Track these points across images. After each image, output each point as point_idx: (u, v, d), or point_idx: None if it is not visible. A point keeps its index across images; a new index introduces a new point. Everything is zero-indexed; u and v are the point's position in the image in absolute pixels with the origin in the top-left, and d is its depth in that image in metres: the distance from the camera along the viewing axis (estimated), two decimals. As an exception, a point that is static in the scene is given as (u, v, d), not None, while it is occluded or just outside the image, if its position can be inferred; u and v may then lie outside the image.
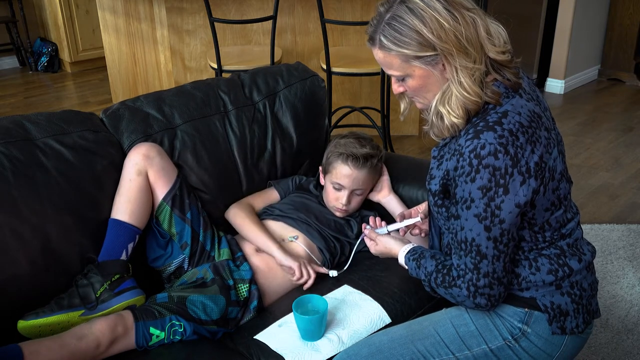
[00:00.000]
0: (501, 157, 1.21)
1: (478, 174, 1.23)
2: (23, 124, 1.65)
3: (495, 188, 1.23)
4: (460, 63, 1.24)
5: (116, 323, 1.48)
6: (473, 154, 1.23)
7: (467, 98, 1.25)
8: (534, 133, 1.26)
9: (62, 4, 5.27)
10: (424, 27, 1.22)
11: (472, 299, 1.32)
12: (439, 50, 1.24)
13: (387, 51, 1.28)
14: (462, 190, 1.27)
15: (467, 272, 1.30)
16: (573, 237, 1.39)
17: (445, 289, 1.36)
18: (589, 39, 5.09)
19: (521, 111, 1.27)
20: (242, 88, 2.06)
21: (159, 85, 3.97)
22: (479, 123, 1.26)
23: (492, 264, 1.28)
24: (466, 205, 1.27)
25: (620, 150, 3.96)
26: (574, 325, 1.37)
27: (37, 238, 1.55)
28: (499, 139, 1.22)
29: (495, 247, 1.27)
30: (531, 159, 1.25)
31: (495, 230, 1.25)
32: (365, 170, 1.87)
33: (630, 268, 2.68)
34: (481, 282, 1.30)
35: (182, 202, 1.75)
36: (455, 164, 1.28)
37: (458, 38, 1.23)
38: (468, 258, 1.29)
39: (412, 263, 1.48)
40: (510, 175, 1.22)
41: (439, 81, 1.29)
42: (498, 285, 1.30)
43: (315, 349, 1.53)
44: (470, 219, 1.27)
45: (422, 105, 1.37)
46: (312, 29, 3.82)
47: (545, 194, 1.29)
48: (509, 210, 1.24)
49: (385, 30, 1.26)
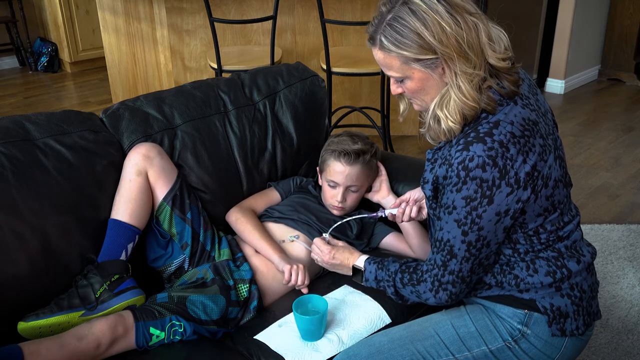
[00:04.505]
0: (489, 169, 1.22)
1: (465, 185, 1.24)
2: (23, 124, 1.65)
3: (481, 199, 1.24)
4: (460, 68, 1.23)
5: (116, 323, 1.48)
6: (461, 166, 1.23)
7: (465, 103, 1.25)
8: (527, 142, 1.25)
9: (62, 4, 5.27)
10: (425, 30, 1.21)
11: (434, 293, 1.37)
12: (440, 54, 1.22)
13: (387, 52, 1.27)
14: (446, 198, 1.29)
15: (434, 268, 1.35)
16: (571, 239, 1.39)
17: (413, 286, 1.41)
18: (589, 39, 5.09)
19: (514, 120, 1.26)
20: (242, 88, 2.06)
21: (159, 85, 3.97)
22: (470, 133, 1.26)
23: (460, 264, 1.31)
24: (448, 211, 1.29)
25: (620, 150, 3.96)
26: (574, 327, 1.36)
27: (37, 238, 1.55)
28: (488, 151, 1.22)
29: (467, 249, 1.29)
30: (522, 169, 1.24)
31: (471, 235, 1.28)
32: (358, 166, 1.87)
33: (630, 268, 2.68)
34: (445, 278, 1.34)
35: (183, 202, 1.75)
36: (444, 172, 1.30)
37: (459, 42, 1.22)
38: (439, 255, 1.34)
39: (372, 266, 1.52)
40: (497, 187, 1.23)
41: (437, 85, 1.28)
42: (461, 283, 1.34)
43: (315, 349, 1.53)
44: (450, 222, 1.29)
45: (420, 107, 1.37)
46: (312, 29, 3.82)
47: (536, 201, 1.29)
48: (488, 218, 1.26)
49: (386, 31, 1.25)
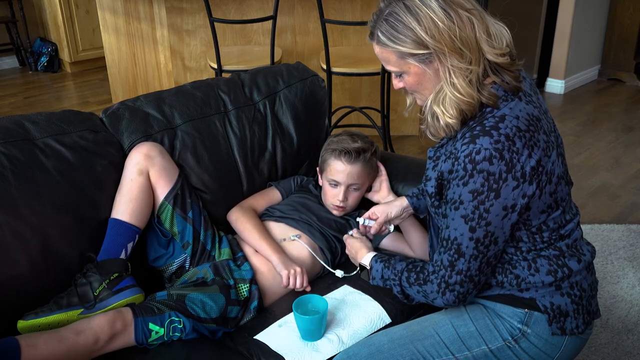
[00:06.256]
0: (496, 162, 1.22)
1: (472, 178, 1.23)
2: (23, 124, 1.65)
3: (487, 192, 1.23)
4: (453, 63, 1.25)
5: (115, 319, 1.48)
6: (468, 159, 1.23)
7: (460, 99, 1.26)
8: (532, 137, 1.26)
9: (62, 4, 5.27)
10: (417, 25, 1.23)
11: (442, 295, 1.34)
12: (432, 49, 1.24)
13: (384, 47, 1.30)
14: (452, 193, 1.28)
15: (441, 269, 1.33)
16: (572, 238, 1.39)
17: (419, 286, 1.39)
18: (589, 39, 5.09)
19: (519, 115, 1.27)
20: (242, 88, 2.06)
21: (159, 85, 3.97)
22: (475, 127, 1.26)
23: (467, 262, 1.30)
24: (454, 206, 1.28)
25: (620, 150, 3.96)
26: (573, 325, 1.37)
27: (37, 238, 1.55)
28: (495, 144, 1.22)
29: (475, 247, 1.28)
30: (527, 163, 1.24)
31: (479, 231, 1.27)
32: (359, 164, 1.87)
33: (630, 268, 2.68)
34: (453, 279, 1.32)
35: (184, 201, 1.75)
36: (450, 167, 1.30)
37: (452, 38, 1.23)
38: (446, 255, 1.32)
39: (379, 264, 1.51)
40: (504, 180, 1.23)
41: (432, 80, 1.30)
42: (469, 283, 1.32)
43: (315, 349, 1.53)
44: (457, 219, 1.28)
45: (422, 102, 1.38)
46: (312, 29, 3.82)
47: (541, 197, 1.29)
48: (496, 213, 1.25)
49: (382, 26, 1.28)
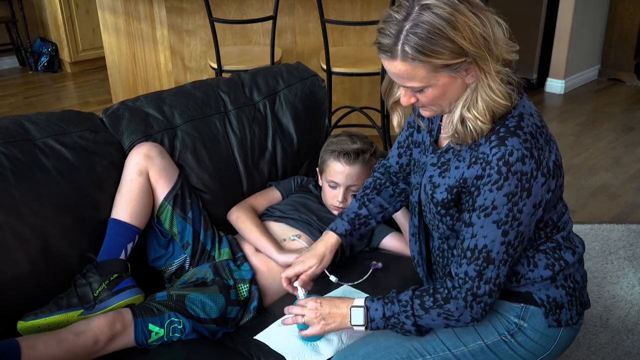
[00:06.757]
0: (527, 161, 1.20)
1: (507, 181, 1.20)
2: (23, 124, 1.65)
3: (521, 193, 1.20)
4: (489, 66, 1.18)
5: (115, 319, 1.48)
6: (502, 162, 1.19)
7: (497, 102, 1.21)
8: (547, 132, 1.26)
9: (62, 4, 5.26)
10: (456, 34, 1.14)
11: (470, 309, 1.28)
12: (471, 55, 1.16)
13: (413, 62, 1.16)
14: (483, 199, 1.23)
15: (467, 281, 1.27)
16: (567, 230, 1.40)
17: (439, 307, 1.29)
18: (589, 39, 5.09)
19: (532, 111, 1.27)
20: (242, 88, 2.06)
21: (159, 85, 3.96)
22: (499, 129, 1.23)
23: (497, 269, 1.25)
24: (485, 213, 1.23)
25: (620, 150, 3.95)
26: (568, 317, 1.38)
27: (37, 238, 1.55)
28: (524, 143, 1.20)
29: (506, 251, 1.24)
30: (550, 158, 1.24)
31: (511, 234, 1.23)
32: (358, 165, 1.87)
33: (630, 268, 2.68)
34: (482, 289, 1.26)
35: (184, 201, 1.75)
36: (477, 172, 1.23)
37: (487, 41, 1.17)
38: (472, 265, 1.26)
39: (377, 303, 1.35)
40: (534, 178, 1.21)
41: (460, 88, 1.23)
42: (497, 292, 1.28)
43: (315, 349, 1.53)
44: (487, 225, 1.23)
45: (433, 113, 1.31)
46: (312, 29, 3.81)
47: (556, 190, 1.29)
48: (527, 212, 1.23)
49: (410, 40, 1.15)
